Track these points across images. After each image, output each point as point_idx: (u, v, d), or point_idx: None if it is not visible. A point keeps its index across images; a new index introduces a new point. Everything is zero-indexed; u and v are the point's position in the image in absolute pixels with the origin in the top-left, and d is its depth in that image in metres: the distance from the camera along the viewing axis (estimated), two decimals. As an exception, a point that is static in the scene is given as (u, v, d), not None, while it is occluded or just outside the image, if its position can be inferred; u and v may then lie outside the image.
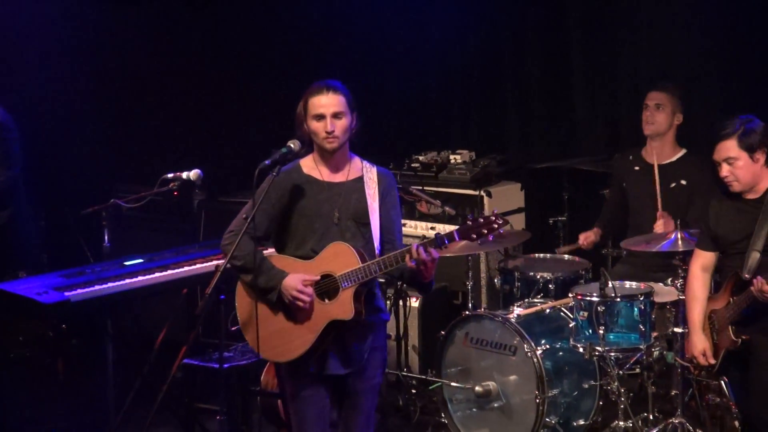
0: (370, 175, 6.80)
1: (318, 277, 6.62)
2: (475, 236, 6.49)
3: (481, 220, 6.46)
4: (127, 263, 8.32)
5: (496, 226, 6.46)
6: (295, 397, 6.86)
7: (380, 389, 7.24)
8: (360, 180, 6.79)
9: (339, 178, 6.79)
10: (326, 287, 6.61)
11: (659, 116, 9.08)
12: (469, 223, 6.49)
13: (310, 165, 6.80)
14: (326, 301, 6.63)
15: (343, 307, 6.57)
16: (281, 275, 6.63)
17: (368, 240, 6.72)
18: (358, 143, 6.97)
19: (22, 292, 7.94)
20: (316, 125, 6.66)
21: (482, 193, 9.79)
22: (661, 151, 9.12)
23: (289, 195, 6.75)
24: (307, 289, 6.58)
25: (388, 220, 6.77)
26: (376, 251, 6.67)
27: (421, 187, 9.69)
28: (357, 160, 6.86)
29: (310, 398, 6.82)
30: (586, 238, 9.40)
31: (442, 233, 6.47)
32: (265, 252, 6.85)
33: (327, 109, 6.65)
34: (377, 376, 6.89)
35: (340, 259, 6.61)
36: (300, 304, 6.59)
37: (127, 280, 8.13)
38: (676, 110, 9.08)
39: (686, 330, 7.61)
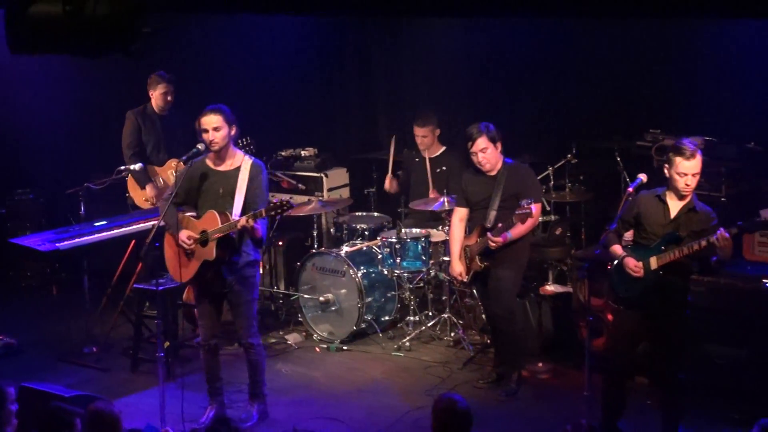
0: (246, 165, 6.75)
1: (197, 235, 6.71)
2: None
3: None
4: (96, 224, 8.27)
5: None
6: (196, 300, 7.12)
7: None
8: (238, 169, 6.75)
9: (224, 167, 6.79)
10: (205, 238, 6.69)
11: (426, 141, 9.11)
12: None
13: (209, 159, 6.83)
14: (202, 247, 6.72)
15: (209, 252, 6.66)
16: (179, 230, 6.73)
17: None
18: (257, 141, 7.57)
19: (27, 244, 8.03)
20: (204, 136, 6.70)
21: (322, 174, 9.82)
22: (431, 149, 9.19)
23: (197, 178, 6.82)
24: (188, 241, 6.70)
25: (253, 195, 6.70)
26: (234, 217, 6.65)
27: (283, 171, 9.75)
28: (240, 155, 6.82)
29: (204, 302, 6.98)
30: (390, 181, 9.43)
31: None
32: (188, 214, 6.93)
33: (209, 125, 6.68)
34: (248, 290, 6.85)
35: (210, 221, 6.68)
36: (185, 248, 6.73)
37: (96, 235, 8.10)
38: (434, 130, 9.10)
39: (450, 259, 7.77)
